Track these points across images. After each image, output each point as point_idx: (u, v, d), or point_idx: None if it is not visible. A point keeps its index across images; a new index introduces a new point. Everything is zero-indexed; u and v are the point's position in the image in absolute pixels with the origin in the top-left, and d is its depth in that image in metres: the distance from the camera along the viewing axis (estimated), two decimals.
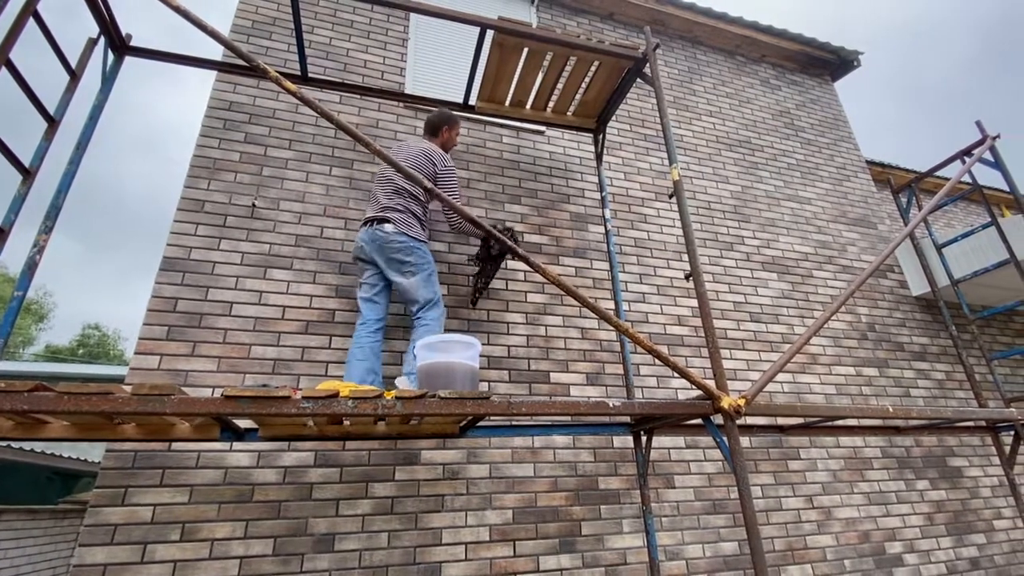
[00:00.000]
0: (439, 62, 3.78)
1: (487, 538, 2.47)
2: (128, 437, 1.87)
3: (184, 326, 2.46)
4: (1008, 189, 3.63)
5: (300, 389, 1.77)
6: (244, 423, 2.16)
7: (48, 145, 2.12)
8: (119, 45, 2.54)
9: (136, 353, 2.36)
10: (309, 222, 2.90)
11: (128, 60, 2.65)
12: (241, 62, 2.69)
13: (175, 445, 2.24)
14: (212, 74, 3.05)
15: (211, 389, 2.37)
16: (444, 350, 1.92)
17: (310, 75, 3.06)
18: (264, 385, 2.03)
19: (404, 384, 2.06)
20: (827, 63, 5.35)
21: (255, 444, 2.31)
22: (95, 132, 2.38)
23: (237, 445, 2.30)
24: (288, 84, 2.00)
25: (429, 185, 1.94)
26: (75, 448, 8.49)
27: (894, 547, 3.20)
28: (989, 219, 3.68)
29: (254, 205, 2.82)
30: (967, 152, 3.78)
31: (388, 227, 2.47)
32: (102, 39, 2.41)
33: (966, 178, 3.79)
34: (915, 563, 3.20)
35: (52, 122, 2.15)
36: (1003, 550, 3.48)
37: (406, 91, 3.48)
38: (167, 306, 2.48)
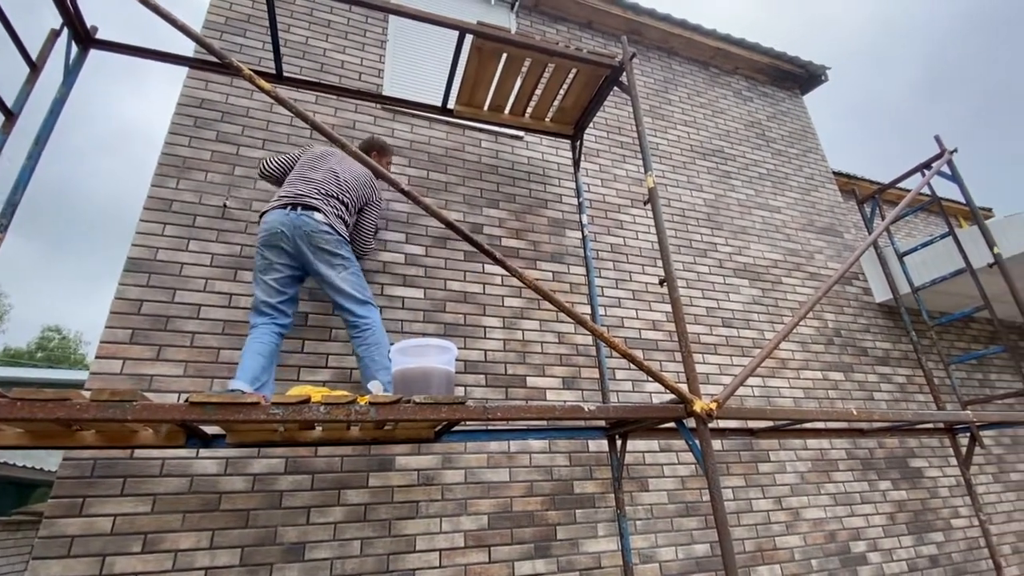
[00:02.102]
0: (418, 64, 3.77)
1: (462, 544, 2.45)
2: (88, 444, 1.80)
3: (149, 329, 2.38)
4: (964, 201, 3.80)
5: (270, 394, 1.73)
6: (212, 429, 2.10)
7: (5, 139, 2.03)
8: (84, 37, 2.45)
9: (97, 357, 2.28)
10: None
11: (95, 56, 2.56)
12: (213, 59, 2.62)
13: (138, 452, 2.16)
14: (181, 73, 2.98)
15: (177, 394, 2.30)
16: (420, 355, 1.91)
17: (285, 74, 3.01)
18: (232, 390, 1.98)
19: (378, 389, 2.03)
20: (796, 77, 5.53)
21: (223, 451, 2.25)
22: (58, 129, 2.29)
23: (204, 452, 2.23)
24: (262, 82, 1.96)
25: (404, 188, 1.92)
26: (30, 456, 8.10)
27: (858, 546, 3.30)
28: (947, 229, 3.84)
29: (225, 205, 2.76)
30: (926, 165, 3.94)
31: (318, 216, 2.28)
32: (65, 31, 2.33)
33: (926, 190, 3.95)
34: (878, 561, 3.30)
35: (10, 116, 2.06)
36: (960, 548, 3.62)
37: (384, 93, 3.46)
38: (131, 308, 2.40)
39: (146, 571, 2.01)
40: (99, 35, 2.51)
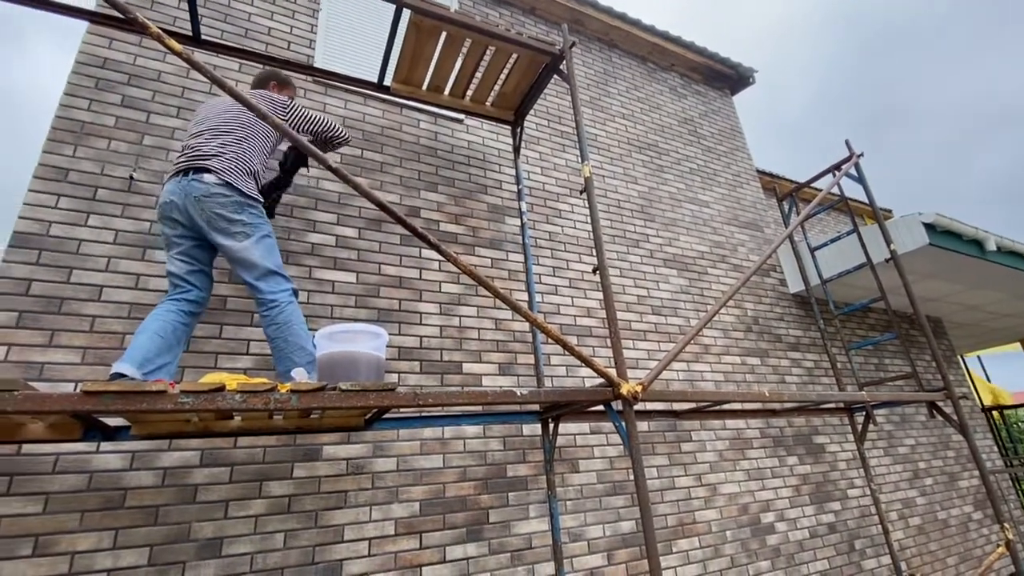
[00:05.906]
0: (352, 36, 3.60)
1: (392, 532, 2.42)
2: None
3: (40, 312, 2.14)
4: (868, 201, 4.16)
5: (179, 382, 1.61)
6: (115, 421, 1.93)
7: None
8: None
9: None
10: None
11: None
12: (116, 13, 2.36)
13: (27, 448, 1.96)
14: (70, 35, 2.67)
15: (74, 384, 2.09)
16: (348, 340, 1.84)
17: (204, 37, 2.77)
18: (115, 374, 1.75)
19: (302, 376, 1.94)
20: (727, 77, 5.79)
21: (128, 444, 2.08)
22: None
23: (105, 446, 2.05)
24: (173, 43, 1.78)
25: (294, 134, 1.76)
26: None
27: (768, 517, 3.58)
28: (852, 227, 4.19)
29: (132, 177, 2.52)
30: (837, 167, 4.26)
31: (209, 177, 2.00)
32: None
33: (836, 189, 4.28)
34: (784, 530, 3.60)
35: None
36: (855, 515, 4.02)
37: (315, 65, 3.27)
38: (18, 289, 2.14)
39: (39, 575, 1.84)
40: None
